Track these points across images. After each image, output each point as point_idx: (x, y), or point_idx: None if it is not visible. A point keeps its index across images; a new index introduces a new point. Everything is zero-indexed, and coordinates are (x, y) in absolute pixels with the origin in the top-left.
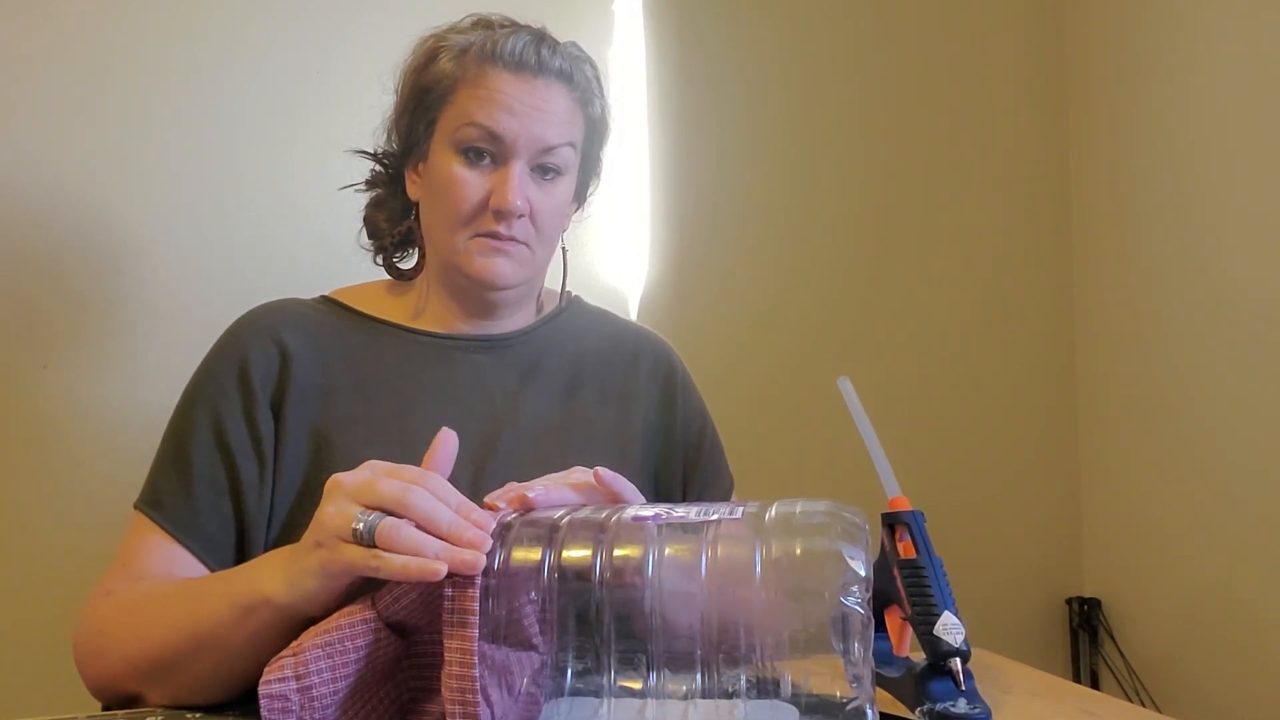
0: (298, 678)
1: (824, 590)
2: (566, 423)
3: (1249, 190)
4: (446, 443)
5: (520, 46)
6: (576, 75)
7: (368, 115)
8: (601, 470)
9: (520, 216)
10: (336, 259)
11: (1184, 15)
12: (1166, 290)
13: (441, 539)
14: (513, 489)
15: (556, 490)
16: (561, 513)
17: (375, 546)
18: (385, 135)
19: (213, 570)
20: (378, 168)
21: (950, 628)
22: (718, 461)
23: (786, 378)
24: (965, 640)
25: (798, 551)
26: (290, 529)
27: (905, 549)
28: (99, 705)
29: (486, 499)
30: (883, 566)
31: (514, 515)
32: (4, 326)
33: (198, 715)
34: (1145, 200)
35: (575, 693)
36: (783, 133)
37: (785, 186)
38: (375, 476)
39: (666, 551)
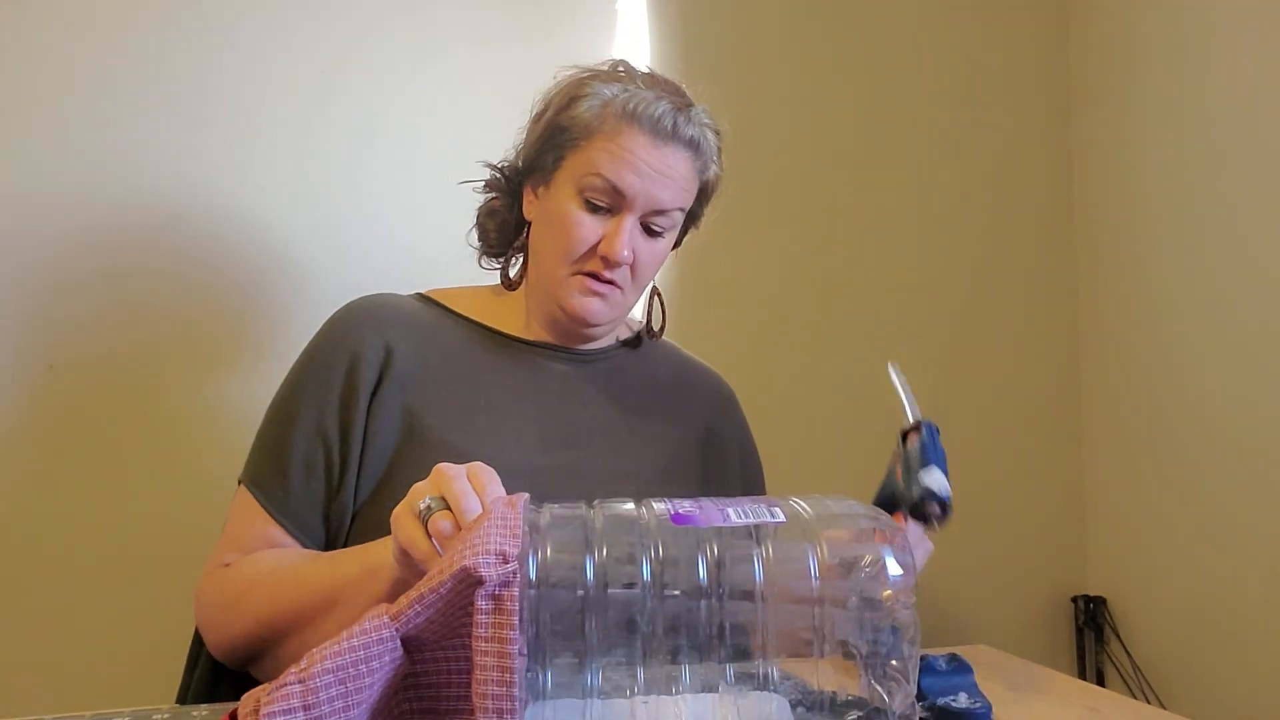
0: (306, 708)
1: (874, 596)
2: (635, 439)
3: (1254, 188)
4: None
5: (660, 113)
6: (703, 144)
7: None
8: None
9: (623, 266)
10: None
11: (1187, 12)
12: (1170, 288)
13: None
14: None
15: None
16: (593, 513)
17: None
18: (514, 151)
19: (306, 546)
20: (497, 175)
21: (935, 480)
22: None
23: (787, 377)
24: (948, 494)
25: (848, 557)
26: (375, 503)
27: (910, 438)
28: (101, 703)
29: None
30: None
31: (538, 514)
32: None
33: (203, 713)
34: (1149, 199)
35: (604, 696)
36: (785, 131)
37: (788, 185)
38: (451, 471)
39: (718, 556)
